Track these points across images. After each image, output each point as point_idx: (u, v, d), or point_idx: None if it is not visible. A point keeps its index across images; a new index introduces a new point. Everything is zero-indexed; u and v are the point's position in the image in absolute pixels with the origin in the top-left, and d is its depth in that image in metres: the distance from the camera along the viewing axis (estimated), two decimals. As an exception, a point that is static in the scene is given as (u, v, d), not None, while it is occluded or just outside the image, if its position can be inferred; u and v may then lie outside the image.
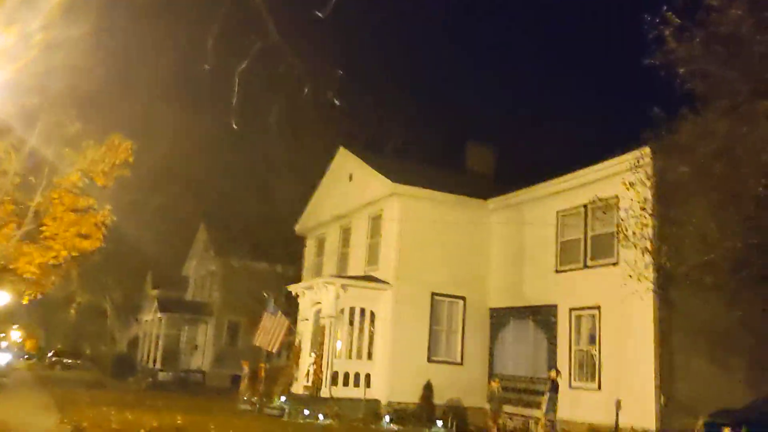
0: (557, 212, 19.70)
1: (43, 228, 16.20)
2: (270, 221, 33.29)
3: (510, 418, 19.55)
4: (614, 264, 17.36)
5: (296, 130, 32.61)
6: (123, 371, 40.44)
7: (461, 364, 21.48)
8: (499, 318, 21.60)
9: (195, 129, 37.59)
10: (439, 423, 17.85)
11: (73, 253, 16.20)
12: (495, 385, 17.56)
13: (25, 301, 28.62)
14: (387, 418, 18.16)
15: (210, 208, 41.43)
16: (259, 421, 16.65)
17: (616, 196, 17.53)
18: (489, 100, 60.08)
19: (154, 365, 39.52)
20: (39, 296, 25.36)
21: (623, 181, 17.03)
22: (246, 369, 25.66)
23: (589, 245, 18.41)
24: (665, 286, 16.10)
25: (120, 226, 23.37)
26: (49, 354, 58.18)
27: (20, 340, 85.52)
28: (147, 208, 37.40)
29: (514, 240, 21.46)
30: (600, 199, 17.84)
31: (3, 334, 70.88)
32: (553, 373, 16.14)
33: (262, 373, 23.58)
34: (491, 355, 21.65)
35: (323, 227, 26.70)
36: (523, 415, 19.47)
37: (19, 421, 13.73)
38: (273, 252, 33.80)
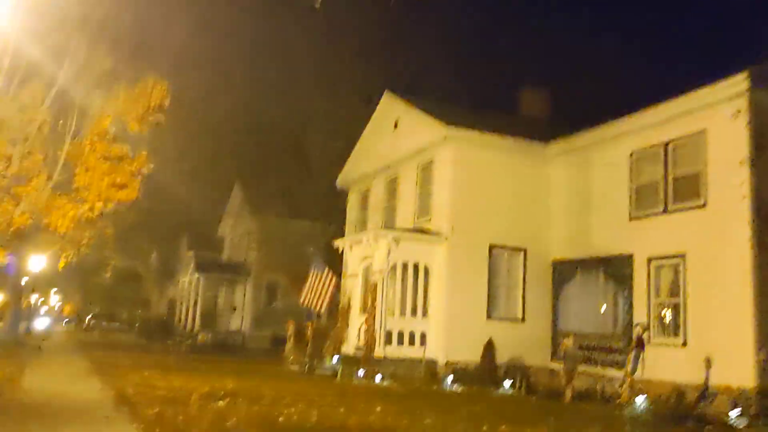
0: (630, 153, 17.87)
1: (76, 179, 14.91)
2: (307, 177, 32.02)
3: (577, 378, 18.06)
4: (702, 206, 15.58)
5: (333, 79, 31.00)
6: (161, 334, 39.97)
7: (522, 320, 20.00)
8: (563, 271, 19.99)
9: (230, 81, 36.22)
10: (507, 383, 16.43)
11: (109, 205, 14.91)
12: (569, 342, 16.06)
13: (61, 266, 27.74)
14: (449, 379, 16.81)
15: (245, 166, 40.24)
16: (312, 383, 15.42)
17: (703, 131, 15.72)
18: (540, 41, 56.75)
19: (193, 327, 38.89)
20: (74, 258, 24.35)
21: (715, 114, 15.29)
22: (291, 329, 24.58)
23: (670, 187, 16.60)
24: (763, 228, 14.35)
25: (154, 183, 22.15)
26: (87, 318, 58.26)
27: (59, 305, 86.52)
28: (181, 166, 36.26)
29: (579, 186, 19.71)
30: (685, 136, 16.04)
31: (42, 299, 71.38)
32: (638, 329, 14.61)
33: (309, 333, 22.40)
34: (555, 311, 20.12)
35: (367, 179, 25.17)
36: (592, 375, 17.97)
37: (60, 388, 12.66)
38: (311, 209, 32.56)
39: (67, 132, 14.42)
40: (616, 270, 17.93)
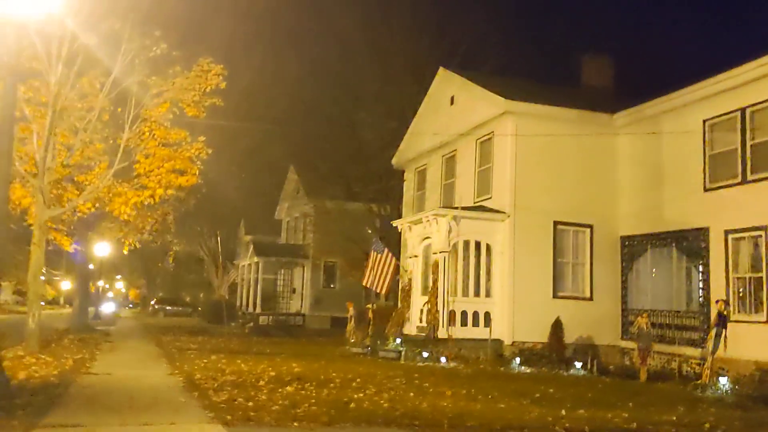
0: (704, 121, 16.92)
1: (136, 166, 14.94)
2: (361, 158, 31.66)
3: (651, 357, 17.37)
4: (786, 175, 14.63)
5: (384, 58, 30.43)
6: (223, 316, 40.55)
7: (590, 299, 19.35)
8: (633, 247, 19.20)
9: (281, 64, 36.14)
10: (578, 364, 15.89)
11: (170, 191, 14.91)
12: (643, 320, 15.38)
13: (125, 250, 28.32)
14: (517, 360, 16.35)
15: (299, 149, 40.18)
16: (376, 365, 15.20)
17: (785, 95, 14.72)
18: (601, 7, 54.40)
19: (254, 309, 39.33)
20: (138, 244, 24.81)
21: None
22: (351, 310, 24.52)
23: (748, 156, 15.64)
24: None
25: (212, 168, 22.19)
26: (152, 302, 59.74)
27: (124, 290, 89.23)
28: (235, 151, 36.49)
29: (648, 158, 18.83)
30: (765, 101, 15.07)
31: (107, 285, 73.63)
32: (720, 305, 13.80)
33: (370, 314, 22.26)
34: (624, 288, 19.37)
35: (424, 158, 24.72)
36: (666, 354, 17.25)
37: (130, 373, 12.76)
38: (366, 190, 32.25)
39: (126, 119, 14.41)
40: (691, 244, 17.10)
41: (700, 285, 16.73)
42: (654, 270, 18.61)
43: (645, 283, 18.93)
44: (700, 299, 16.71)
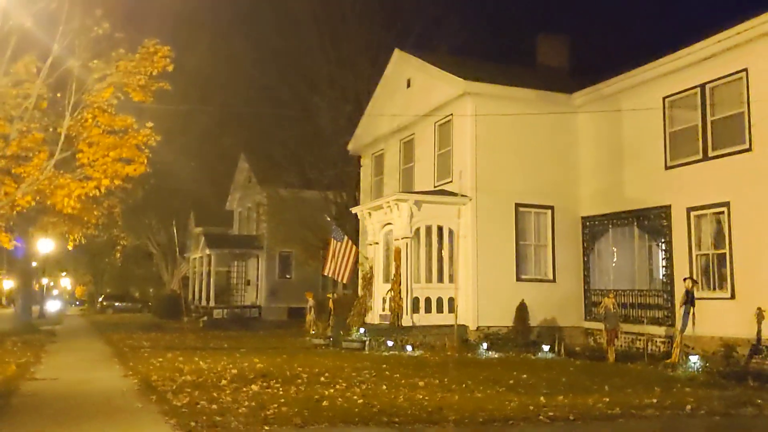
0: (663, 99, 16.82)
1: (79, 155, 13.94)
2: (316, 144, 30.85)
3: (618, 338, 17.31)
4: (747, 150, 14.61)
5: (337, 41, 29.66)
6: (175, 311, 39.27)
7: (553, 281, 19.20)
8: (594, 227, 19.11)
9: (230, 48, 34.95)
10: (545, 347, 15.68)
11: (116, 181, 13.96)
12: (610, 300, 15.23)
13: (70, 247, 27.02)
14: (484, 345, 16.06)
15: (249, 137, 39.13)
16: (341, 358, 14.68)
17: (744, 70, 14.67)
18: None
19: (208, 303, 38.30)
20: (83, 239, 23.61)
21: (755, 51, 14.25)
22: (311, 301, 23.92)
23: (710, 132, 15.59)
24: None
25: (159, 158, 21.18)
26: (100, 299, 57.86)
27: (70, 287, 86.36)
28: (184, 140, 35.26)
29: (608, 137, 18.71)
30: (724, 76, 15.00)
31: (52, 283, 71.06)
32: (688, 283, 13.74)
33: (331, 304, 21.68)
34: (586, 269, 19.30)
35: (381, 143, 24.19)
36: (631, 333, 17.22)
37: (80, 376, 11.93)
38: (322, 177, 31.52)
39: (67, 105, 13.42)
40: (653, 223, 17.05)
41: (663, 263, 16.69)
42: (615, 250, 18.56)
43: (607, 264, 18.88)
44: (663, 278, 16.68)
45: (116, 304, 53.74)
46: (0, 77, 13.50)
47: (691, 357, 12.90)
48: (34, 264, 34.81)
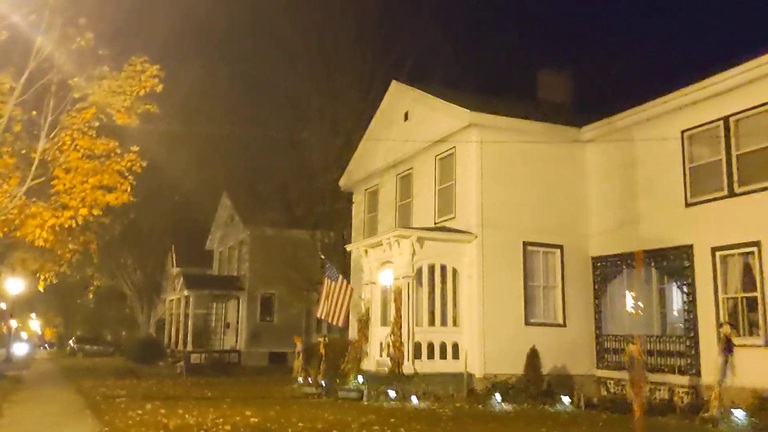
0: (682, 132, 15.93)
1: (55, 182, 12.55)
2: (303, 180, 29.65)
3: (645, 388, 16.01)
4: (779, 186, 13.67)
5: (329, 73, 28.74)
6: (150, 355, 37.31)
7: (563, 325, 17.96)
8: (606, 267, 17.99)
9: (216, 78, 33.80)
10: (565, 399, 14.35)
11: (95, 211, 12.54)
12: (635, 347, 13.79)
13: (41, 288, 25.34)
14: (497, 397, 14.68)
15: (232, 172, 37.86)
16: (341, 409, 13.23)
17: (773, 101, 13.85)
18: (554, 19, 53.26)
19: (185, 347, 36.40)
20: (55, 279, 21.96)
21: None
22: (299, 345, 22.32)
23: (735, 167, 14.66)
24: None
25: (138, 192, 19.78)
26: (70, 342, 55.29)
27: (39, 329, 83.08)
28: (164, 174, 33.66)
29: (620, 173, 17.76)
30: (751, 108, 14.16)
31: (19, 325, 68.11)
32: (726, 329, 12.57)
33: (322, 349, 20.15)
34: (598, 312, 18.11)
35: (375, 178, 23.05)
36: (651, 383, 15.94)
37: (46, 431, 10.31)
38: (309, 215, 30.24)
39: (43, 125, 12.09)
40: (672, 264, 15.97)
41: (685, 307, 15.57)
42: (630, 292, 17.38)
43: (620, 307, 17.67)
44: (685, 323, 15.54)
45: (87, 347, 51.27)
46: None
47: (734, 411, 11.65)
48: (2, 305, 32.70)
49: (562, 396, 14.51)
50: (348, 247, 20.90)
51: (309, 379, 19.12)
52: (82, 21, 11.38)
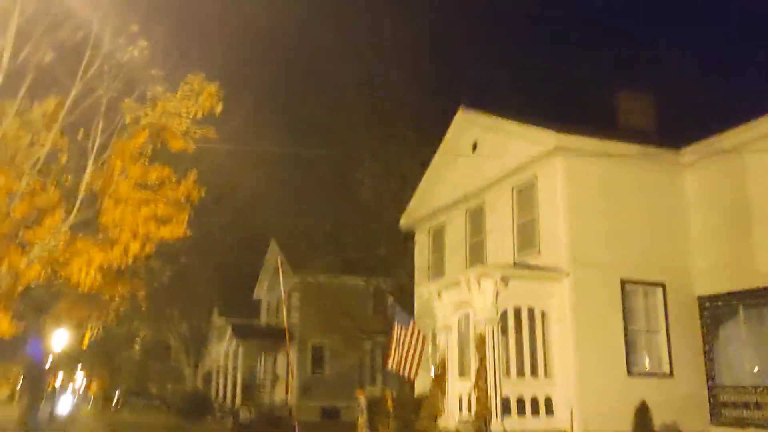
0: (807, 148, 13.88)
1: (102, 214, 11.07)
2: (356, 224, 28.14)
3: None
4: None
5: (382, 113, 27.38)
6: (198, 410, 35.67)
7: (671, 375, 15.66)
8: (716, 308, 15.73)
9: (265, 121, 32.83)
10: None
11: (148, 248, 10.99)
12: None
13: (85, 345, 23.93)
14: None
15: (280, 218, 36.55)
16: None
17: None
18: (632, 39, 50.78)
19: (233, 402, 34.61)
20: (101, 330, 20.50)
21: None
22: (363, 400, 20.26)
23: None
24: None
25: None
26: (115, 396, 53.96)
27: (84, 382, 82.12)
28: (211, 220, 32.51)
29: (729, 199, 15.66)
30: None
31: (64, 379, 67.20)
32: None
33: (390, 405, 18.14)
34: (709, 360, 15.76)
35: (440, 215, 21.26)
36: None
37: None
38: (365, 259, 28.57)
39: (90, 150, 10.67)
40: (804, 301, 13.70)
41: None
42: (750, 336, 15.10)
43: (737, 352, 15.38)
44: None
45: (133, 401, 49.91)
46: (9, 120, 10.85)
47: None
48: (48, 363, 31.21)
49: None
50: (419, 290, 18.98)
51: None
52: (134, 28, 10.06)
